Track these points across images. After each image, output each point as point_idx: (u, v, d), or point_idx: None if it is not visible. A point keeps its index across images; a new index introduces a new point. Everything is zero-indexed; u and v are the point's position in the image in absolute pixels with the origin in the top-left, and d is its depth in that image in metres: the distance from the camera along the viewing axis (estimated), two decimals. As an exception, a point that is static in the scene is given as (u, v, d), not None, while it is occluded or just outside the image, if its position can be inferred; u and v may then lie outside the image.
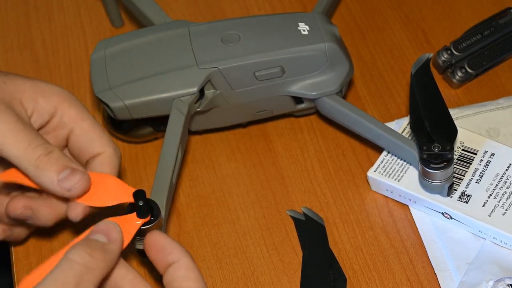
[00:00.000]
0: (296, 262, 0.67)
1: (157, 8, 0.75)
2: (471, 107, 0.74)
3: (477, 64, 0.77)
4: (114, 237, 0.53)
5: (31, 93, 0.62)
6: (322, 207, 0.71)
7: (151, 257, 0.55)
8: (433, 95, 0.67)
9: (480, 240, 0.67)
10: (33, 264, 0.68)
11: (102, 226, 0.54)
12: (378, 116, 0.76)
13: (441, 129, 0.65)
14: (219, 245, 0.69)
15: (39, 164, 0.59)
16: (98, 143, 0.63)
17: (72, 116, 0.63)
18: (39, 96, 0.62)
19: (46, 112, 0.63)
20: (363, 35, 0.82)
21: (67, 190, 0.59)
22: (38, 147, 0.59)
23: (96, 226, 0.54)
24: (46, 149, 0.59)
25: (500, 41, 0.78)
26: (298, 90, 0.71)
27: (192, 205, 0.71)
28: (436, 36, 0.81)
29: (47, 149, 0.59)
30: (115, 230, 0.54)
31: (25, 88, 0.62)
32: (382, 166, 0.69)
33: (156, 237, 0.55)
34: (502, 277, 0.64)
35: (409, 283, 0.66)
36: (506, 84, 0.77)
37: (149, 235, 0.56)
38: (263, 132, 0.76)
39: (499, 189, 0.67)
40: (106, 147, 0.63)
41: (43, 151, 0.59)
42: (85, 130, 0.63)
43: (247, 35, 0.70)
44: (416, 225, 0.68)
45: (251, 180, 0.73)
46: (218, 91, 0.70)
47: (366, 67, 0.79)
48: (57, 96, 0.63)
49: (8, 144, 0.59)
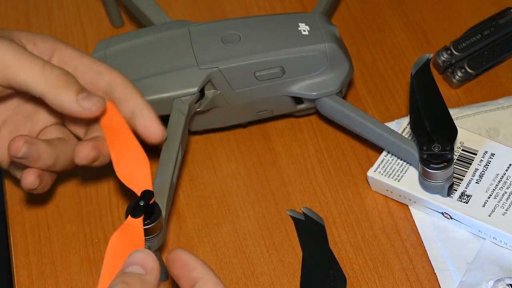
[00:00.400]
0: (296, 262, 0.67)
1: (157, 8, 0.75)
2: (471, 107, 0.74)
3: (477, 64, 0.77)
4: (150, 267, 0.52)
5: (28, 36, 0.63)
6: (322, 207, 0.71)
7: (174, 273, 0.54)
8: (433, 95, 0.67)
9: (480, 240, 0.67)
10: (33, 264, 0.68)
11: (137, 257, 0.52)
12: (378, 116, 0.76)
13: (441, 129, 0.65)
14: (219, 245, 0.69)
15: (58, 84, 0.58)
16: (106, 73, 0.63)
17: (71, 54, 0.63)
18: (35, 38, 0.63)
19: (45, 53, 0.63)
20: (363, 35, 0.82)
21: (87, 109, 0.59)
22: (54, 69, 0.59)
23: (130, 257, 0.52)
24: (63, 71, 0.59)
25: (500, 41, 0.78)
26: (298, 90, 0.71)
27: (192, 205, 0.71)
28: (436, 36, 0.81)
29: (63, 71, 0.59)
30: (150, 260, 0.52)
31: (21, 34, 0.63)
32: (382, 166, 0.69)
33: (180, 254, 0.54)
34: (502, 277, 0.64)
35: (408, 283, 0.66)
36: (506, 84, 0.77)
37: (172, 252, 0.54)
38: (263, 132, 0.76)
39: (499, 189, 0.67)
40: (116, 74, 0.63)
41: (60, 71, 0.59)
42: (89, 65, 0.63)
43: (248, 35, 0.70)
44: (416, 225, 0.68)
45: (251, 180, 0.73)
46: (218, 91, 0.70)
47: (366, 67, 0.79)
48: (51, 40, 0.63)
49: (23, 69, 0.59)
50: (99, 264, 0.68)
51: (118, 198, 0.72)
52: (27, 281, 0.67)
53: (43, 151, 0.63)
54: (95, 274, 0.67)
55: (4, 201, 0.72)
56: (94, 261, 0.68)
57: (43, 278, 0.67)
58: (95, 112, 0.60)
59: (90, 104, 0.59)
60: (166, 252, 0.68)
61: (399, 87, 0.78)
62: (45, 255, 0.69)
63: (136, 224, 0.57)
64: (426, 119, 0.66)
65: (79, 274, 0.68)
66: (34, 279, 0.67)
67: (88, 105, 0.59)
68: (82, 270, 0.68)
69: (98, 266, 0.68)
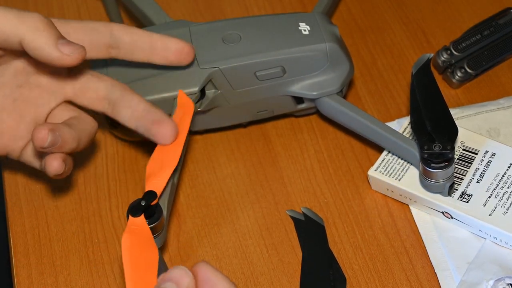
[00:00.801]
0: (295, 262, 0.67)
1: (157, 8, 0.75)
2: (472, 107, 0.74)
3: (477, 64, 0.77)
4: (185, 285, 0.51)
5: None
6: (321, 207, 0.70)
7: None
8: (433, 95, 0.68)
9: (481, 239, 0.67)
10: (33, 264, 0.68)
11: (173, 274, 0.51)
12: (378, 116, 0.76)
13: (442, 129, 0.65)
14: (219, 245, 0.69)
15: (38, 26, 0.57)
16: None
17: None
18: None
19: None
20: (363, 35, 0.82)
21: (66, 55, 0.57)
22: (32, 13, 0.57)
23: (168, 272, 0.51)
24: (41, 15, 0.58)
25: (499, 41, 0.78)
26: (299, 90, 0.71)
27: (192, 205, 0.71)
28: (436, 36, 0.81)
29: (42, 16, 0.58)
30: (186, 278, 0.51)
31: None
32: (383, 166, 0.70)
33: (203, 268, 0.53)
34: (502, 277, 0.64)
35: (408, 283, 0.66)
36: (506, 84, 0.77)
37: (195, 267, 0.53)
38: (263, 132, 0.76)
39: (500, 188, 0.67)
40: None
41: (39, 15, 0.57)
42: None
43: (248, 35, 0.70)
44: (417, 224, 0.68)
45: (251, 180, 0.73)
46: (219, 91, 0.70)
47: (366, 67, 0.79)
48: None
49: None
50: (99, 264, 0.68)
51: (118, 198, 0.72)
52: (27, 281, 0.67)
53: (67, 135, 0.61)
54: (95, 274, 0.67)
55: (4, 201, 0.72)
56: (94, 261, 0.68)
57: (43, 278, 0.67)
58: (75, 59, 0.58)
59: (70, 50, 0.57)
60: (166, 252, 0.68)
61: (399, 87, 0.78)
62: (45, 255, 0.69)
63: (140, 222, 0.57)
64: (426, 119, 0.66)
65: (79, 274, 0.68)
66: (34, 279, 0.67)
67: (68, 51, 0.57)
68: (82, 270, 0.68)
69: (98, 266, 0.68)
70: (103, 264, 0.68)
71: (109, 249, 0.69)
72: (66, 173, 0.64)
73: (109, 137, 0.75)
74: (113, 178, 0.73)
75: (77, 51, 0.58)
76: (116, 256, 0.68)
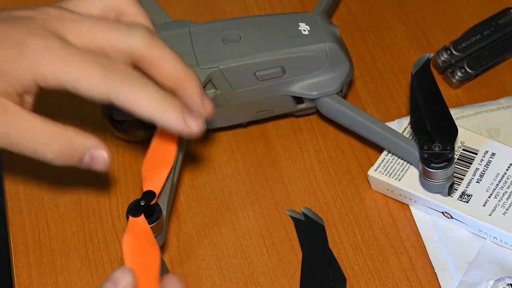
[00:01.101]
0: (295, 262, 0.67)
1: (157, 8, 0.75)
2: (472, 107, 0.74)
3: (477, 64, 0.77)
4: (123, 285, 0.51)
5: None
6: (321, 207, 0.70)
7: None
8: (433, 95, 0.68)
9: (481, 239, 0.67)
10: (33, 264, 0.68)
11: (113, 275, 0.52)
12: (378, 116, 0.76)
13: (442, 129, 0.65)
14: (219, 245, 0.69)
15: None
16: None
17: None
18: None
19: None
20: (363, 35, 0.82)
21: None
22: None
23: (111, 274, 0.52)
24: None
25: (499, 41, 0.78)
26: (299, 90, 0.71)
27: (192, 205, 0.71)
28: (436, 36, 0.81)
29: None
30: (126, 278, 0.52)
31: None
32: (383, 166, 0.70)
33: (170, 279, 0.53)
34: (502, 277, 0.64)
35: (408, 283, 0.66)
36: (506, 84, 0.77)
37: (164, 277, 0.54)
38: (263, 132, 0.76)
39: (500, 188, 0.67)
40: None
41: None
42: None
43: (248, 35, 0.70)
44: (416, 224, 0.68)
45: (251, 180, 0.73)
46: (219, 91, 0.70)
47: (366, 67, 0.79)
48: None
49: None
50: (99, 264, 0.68)
51: (118, 198, 0.72)
52: (27, 281, 0.67)
53: None
54: (95, 274, 0.67)
55: (4, 201, 0.72)
56: (94, 261, 0.68)
57: (43, 278, 0.67)
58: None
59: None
60: (166, 252, 0.68)
61: (399, 87, 0.78)
62: (45, 255, 0.69)
63: (140, 222, 0.57)
64: (426, 119, 0.66)
65: (79, 274, 0.68)
66: (34, 279, 0.67)
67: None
68: (82, 270, 0.68)
69: (98, 266, 0.68)
70: (103, 264, 0.68)
71: (109, 249, 0.69)
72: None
73: (109, 137, 0.75)
74: (113, 178, 0.73)
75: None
76: (116, 256, 0.68)
